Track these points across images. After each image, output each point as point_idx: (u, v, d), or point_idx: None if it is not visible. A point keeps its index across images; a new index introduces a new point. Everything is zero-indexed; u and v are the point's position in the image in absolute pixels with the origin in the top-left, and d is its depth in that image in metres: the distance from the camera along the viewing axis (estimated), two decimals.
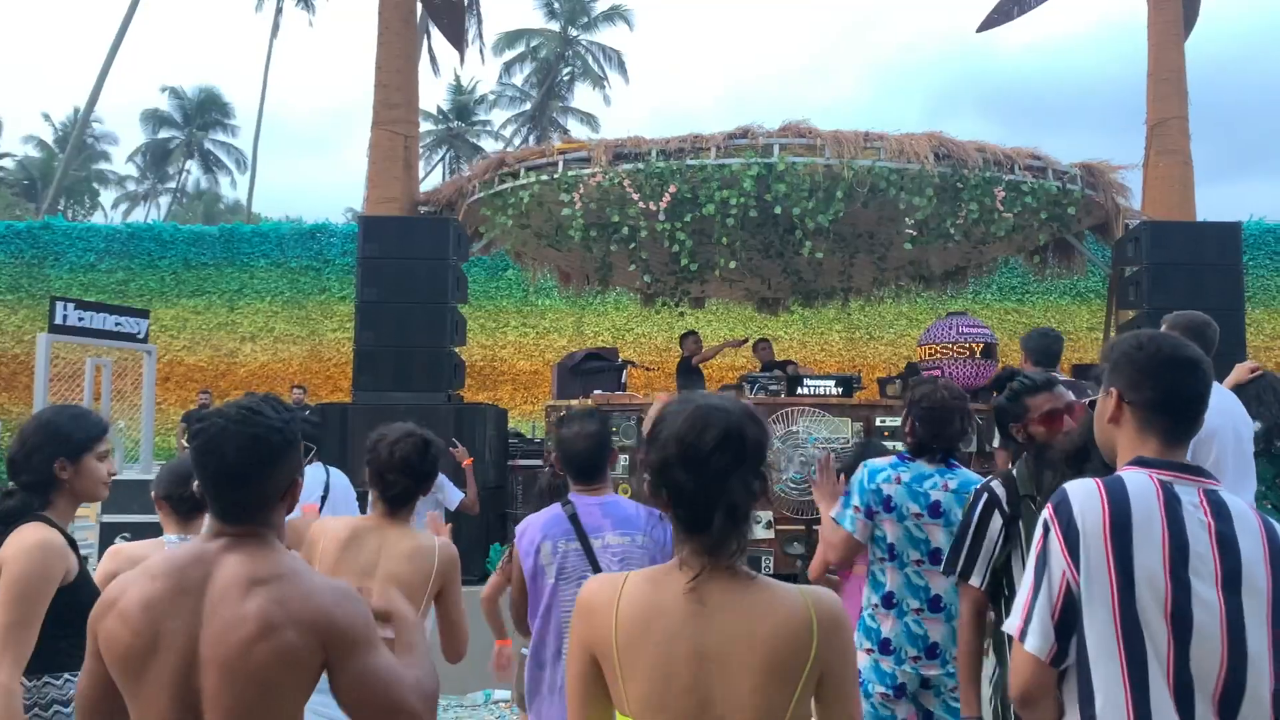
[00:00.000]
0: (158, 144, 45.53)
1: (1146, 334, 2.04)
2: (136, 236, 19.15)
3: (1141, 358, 1.97)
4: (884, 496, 3.65)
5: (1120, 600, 1.81)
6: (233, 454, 1.86)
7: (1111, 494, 1.87)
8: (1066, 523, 1.87)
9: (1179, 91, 9.21)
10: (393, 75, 9.40)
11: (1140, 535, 1.83)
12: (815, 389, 7.90)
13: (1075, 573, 1.85)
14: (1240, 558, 1.82)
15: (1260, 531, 1.87)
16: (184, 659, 1.79)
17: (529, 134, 40.44)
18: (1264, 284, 17.24)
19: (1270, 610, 1.82)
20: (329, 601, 1.84)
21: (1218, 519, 1.85)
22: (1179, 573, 1.81)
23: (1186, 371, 1.94)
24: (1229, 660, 1.79)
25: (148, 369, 10.80)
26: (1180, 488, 1.89)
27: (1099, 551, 1.84)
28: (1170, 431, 1.94)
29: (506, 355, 18.46)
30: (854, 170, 7.72)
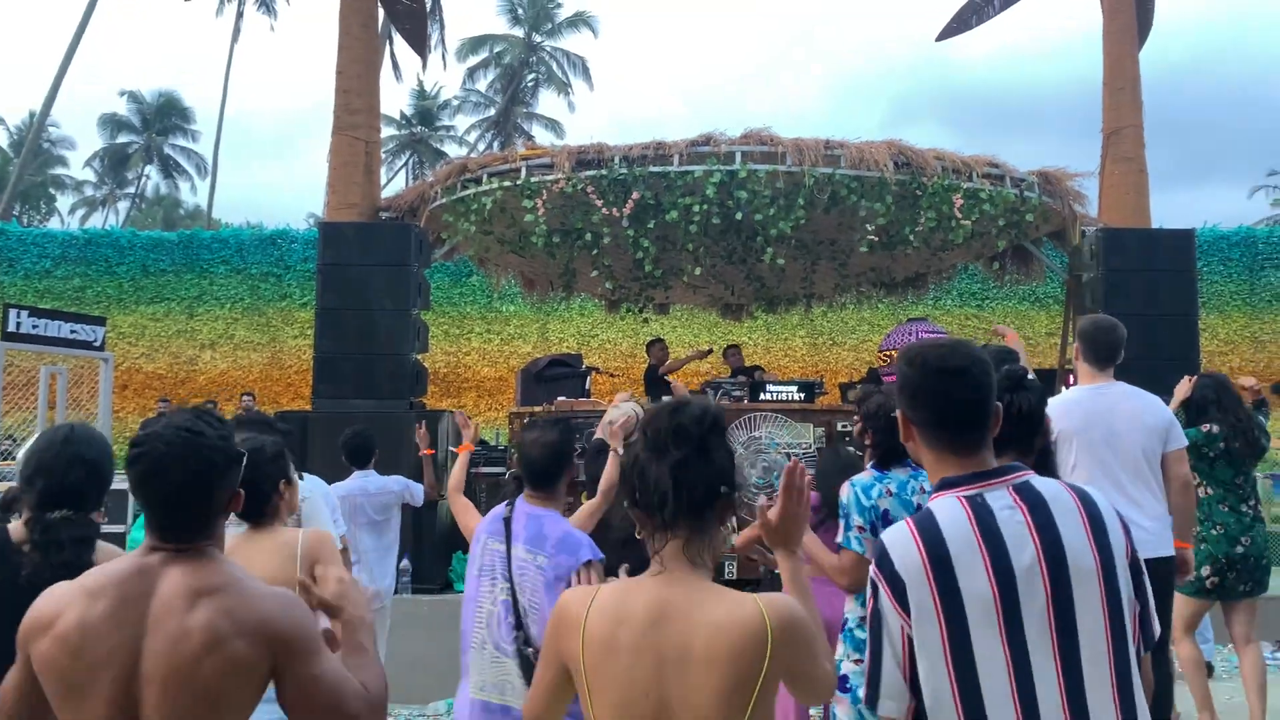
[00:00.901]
0: (116, 149, 44.88)
1: (915, 349, 1.99)
2: (93, 242, 18.87)
3: (912, 375, 1.94)
4: (881, 511, 3.66)
5: (950, 638, 1.77)
6: (175, 477, 1.85)
7: (924, 533, 1.83)
8: (890, 576, 1.84)
9: (1134, 100, 9.36)
10: (353, 80, 9.35)
11: (961, 568, 1.79)
12: (777, 394, 7.94)
13: (910, 624, 1.81)
14: (1063, 546, 1.79)
15: (1078, 509, 1.84)
16: (125, 675, 1.77)
17: (493, 140, 40.31)
18: (1217, 290, 17.52)
19: (1103, 587, 1.80)
20: (275, 609, 1.83)
21: (1034, 512, 1.82)
22: (1009, 596, 1.77)
23: (952, 380, 1.89)
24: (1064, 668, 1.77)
25: (104, 377, 10.63)
26: (990, 495, 1.85)
27: (925, 594, 1.80)
28: (960, 443, 1.90)
29: (471, 362, 18.38)
30: (814, 178, 7.77)
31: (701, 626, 1.68)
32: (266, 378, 18.11)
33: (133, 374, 17.93)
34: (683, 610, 1.70)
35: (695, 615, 1.70)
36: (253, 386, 17.30)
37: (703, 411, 1.80)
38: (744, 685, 1.66)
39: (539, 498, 3.34)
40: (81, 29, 30.77)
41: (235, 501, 1.96)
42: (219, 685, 1.76)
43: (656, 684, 1.68)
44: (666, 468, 1.75)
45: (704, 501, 1.77)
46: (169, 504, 1.87)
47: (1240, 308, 17.72)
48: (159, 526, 1.88)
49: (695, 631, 1.68)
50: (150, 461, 1.86)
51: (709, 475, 1.77)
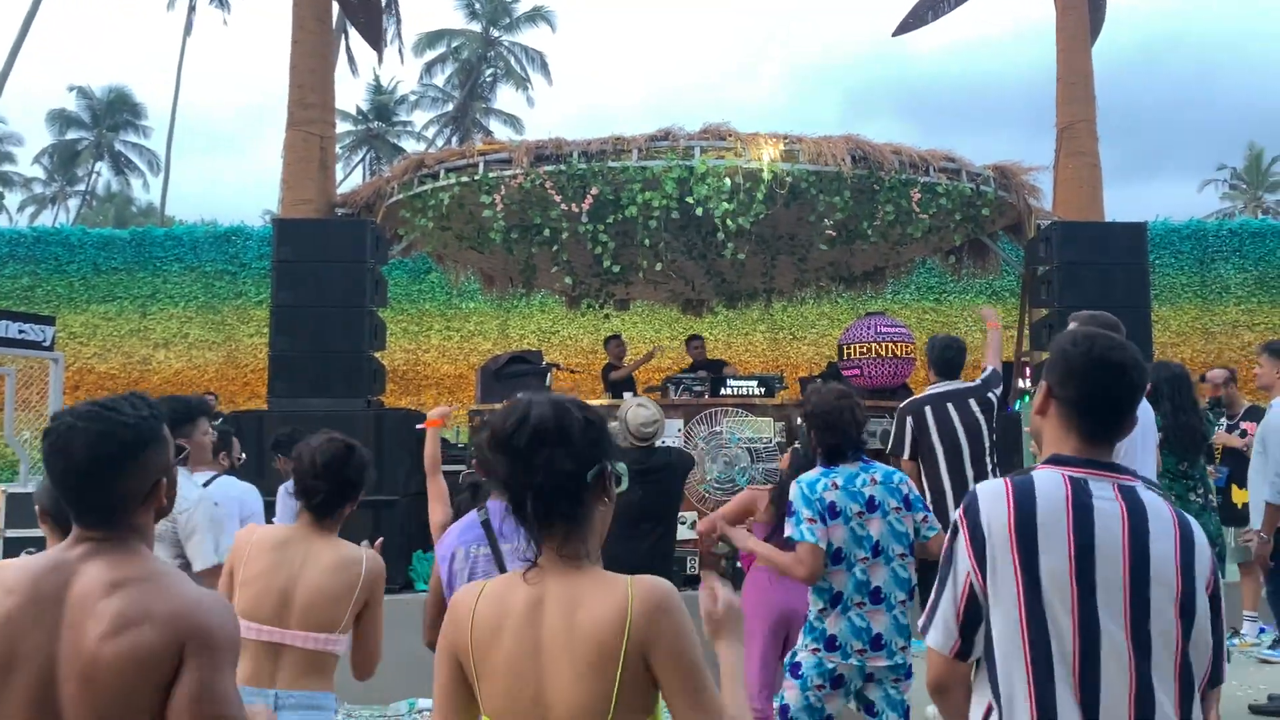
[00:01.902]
0: (65, 145, 44.05)
1: (1084, 332, 2.04)
2: (42, 240, 18.48)
3: (1074, 355, 1.97)
4: (828, 504, 3.75)
5: (1026, 602, 1.83)
6: (80, 453, 1.75)
7: (1018, 496, 1.89)
8: (973, 525, 1.90)
9: (1087, 95, 9.47)
10: (307, 75, 9.23)
11: (1046, 537, 1.84)
12: (738, 389, 7.95)
13: (980, 575, 1.88)
14: (1149, 553, 1.83)
15: (1174, 528, 1.88)
16: (43, 674, 1.69)
17: (451, 135, 40.05)
18: (1169, 282, 17.79)
19: (1179, 605, 1.83)
20: (193, 600, 1.74)
21: (1132, 515, 1.86)
22: (1085, 576, 1.82)
23: (1114, 374, 1.94)
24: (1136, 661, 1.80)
25: (54, 378, 10.43)
26: (1094, 484, 1.89)
27: (1005, 554, 1.86)
28: (1092, 431, 1.95)
29: (430, 359, 18.24)
30: (773, 173, 7.78)
31: (572, 610, 1.71)
32: (222, 377, 17.86)
33: (84, 374, 17.60)
34: (557, 596, 1.72)
35: (568, 601, 1.72)
36: (209, 386, 17.04)
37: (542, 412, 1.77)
38: (606, 666, 1.66)
39: None
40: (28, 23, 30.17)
41: (157, 491, 1.85)
42: (127, 674, 1.67)
43: (533, 672, 1.70)
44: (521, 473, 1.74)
45: (571, 497, 1.75)
46: (73, 484, 1.78)
47: (1191, 300, 18.01)
48: (72, 511, 1.80)
49: (566, 616, 1.70)
50: (55, 437, 1.77)
51: (567, 472, 1.74)
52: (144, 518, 1.85)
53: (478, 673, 1.74)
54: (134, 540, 1.81)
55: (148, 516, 1.86)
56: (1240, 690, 5.92)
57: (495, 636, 1.73)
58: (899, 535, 3.79)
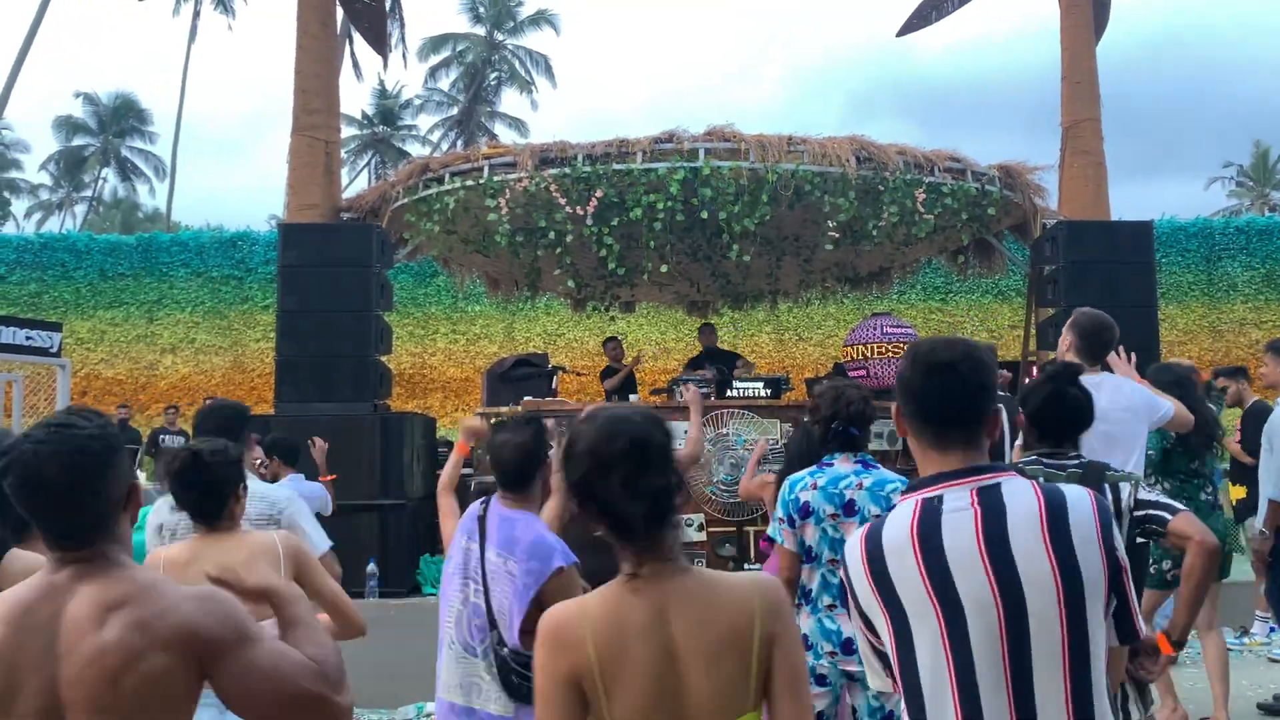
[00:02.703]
0: (72, 151, 44.18)
1: (917, 344, 1.99)
2: (49, 247, 18.56)
3: (905, 369, 1.94)
4: (801, 504, 3.80)
5: (898, 646, 1.82)
6: (56, 475, 1.70)
7: (868, 538, 1.87)
8: (847, 579, 1.92)
9: (1091, 94, 9.46)
10: (312, 80, 9.25)
11: (897, 570, 1.81)
12: (744, 391, 7.94)
13: (863, 625, 1.90)
14: (1012, 552, 1.77)
15: (1040, 514, 1.80)
16: (45, 704, 1.66)
17: (456, 139, 40.10)
18: (1176, 280, 17.75)
19: (1061, 593, 1.76)
20: (192, 610, 1.70)
21: (987, 516, 1.79)
22: (947, 593, 1.77)
23: (938, 375, 1.88)
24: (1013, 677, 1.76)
25: (61, 383, 10.47)
26: (949, 496, 1.83)
27: (871, 602, 1.86)
28: (939, 438, 1.89)
29: (436, 363, 18.27)
30: (777, 174, 7.78)
31: (700, 609, 1.76)
32: (229, 382, 17.90)
33: (92, 380, 17.66)
34: (679, 599, 1.77)
35: (692, 600, 1.77)
36: (215, 391, 17.09)
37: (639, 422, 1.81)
38: (743, 656, 1.74)
39: (513, 499, 3.26)
40: (34, 30, 30.29)
41: (133, 495, 1.81)
42: (143, 702, 1.65)
43: (671, 673, 1.73)
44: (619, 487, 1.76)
45: (667, 509, 1.79)
46: (52, 508, 1.73)
47: (1198, 298, 17.97)
48: (54, 535, 1.75)
49: (696, 615, 1.75)
50: (21, 466, 1.71)
51: (664, 484, 1.78)
52: (122, 527, 1.81)
53: (605, 693, 1.74)
54: (116, 552, 1.77)
55: (125, 525, 1.82)
56: (1250, 690, 5.91)
57: (620, 652, 1.74)
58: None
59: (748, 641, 1.74)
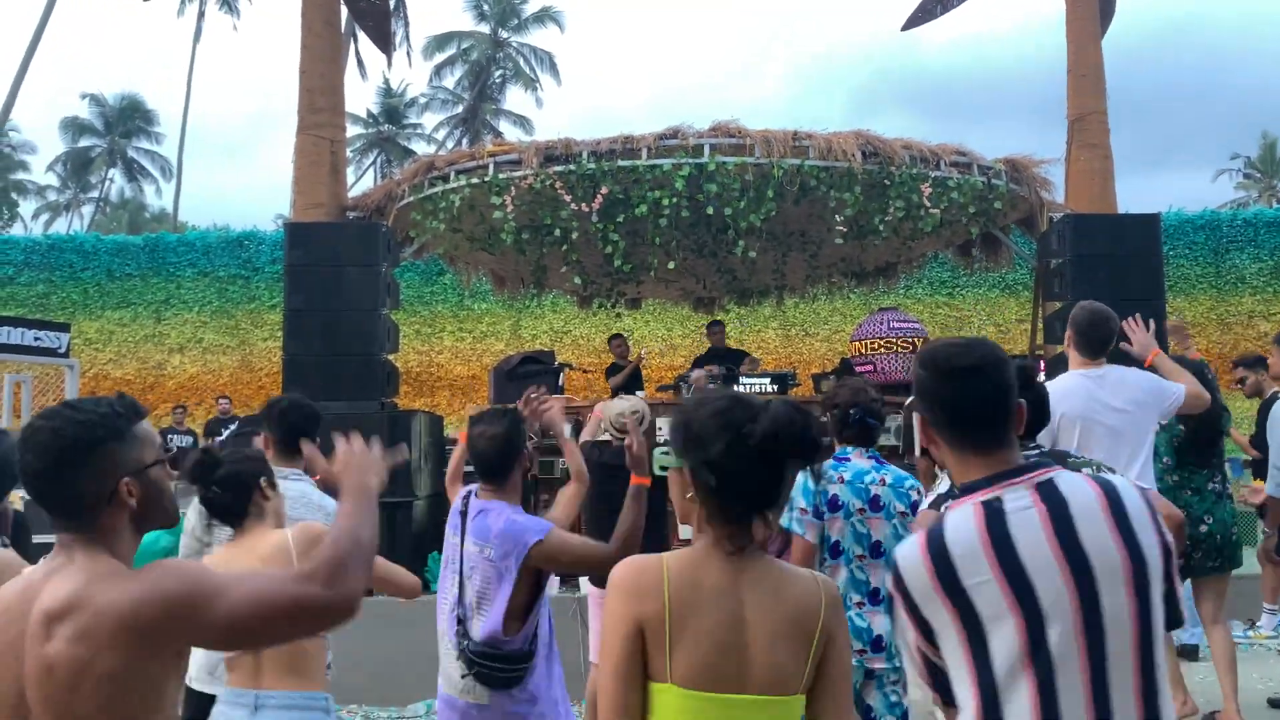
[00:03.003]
0: (78, 152, 44.30)
1: (928, 351, 1.96)
2: (57, 248, 18.62)
3: (925, 378, 1.92)
4: (830, 496, 3.71)
5: (972, 652, 1.77)
6: (34, 451, 1.74)
7: (931, 544, 1.81)
8: (903, 592, 1.85)
9: (1098, 86, 9.41)
10: (317, 79, 9.25)
11: (970, 578, 1.77)
12: (751, 387, 7.95)
13: (923, 639, 1.84)
14: (1084, 550, 1.76)
15: (1101, 503, 1.80)
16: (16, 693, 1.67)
17: (462, 137, 40.10)
18: (1183, 273, 17.69)
19: (1131, 585, 1.76)
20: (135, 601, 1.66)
21: (1053, 511, 1.79)
22: (1026, 598, 1.75)
23: (965, 380, 1.86)
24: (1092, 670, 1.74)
25: (70, 384, 10.51)
26: (1009, 496, 1.81)
27: (937, 611, 1.80)
28: (979, 443, 1.87)
29: (443, 361, 18.29)
30: (783, 169, 7.77)
31: (772, 591, 1.86)
32: (237, 381, 17.94)
33: (100, 380, 17.71)
34: (755, 576, 1.87)
35: (766, 581, 1.87)
36: (223, 390, 17.13)
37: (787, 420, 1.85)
38: (805, 641, 1.84)
39: (490, 490, 3.33)
40: (40, 31, 30.37)
41: (119, 492, 1.77)
42: (110, 700, 1.64)
43: (736, 642, 1.82)
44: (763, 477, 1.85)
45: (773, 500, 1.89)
46: (31, 482, 1.76)
47: (1206, 290, 17.90)
48: (50, 515, 1.78)
49: (770, 593, 1.85)
50: (23, 438, 1.77)
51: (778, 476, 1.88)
52: (113, 520, 1.78)
53: (671, 643, 1.82)
54: (98, 545, 1.75)
55: (117, 519, 1.78)
56: (1261, 684, 5.89)
57: (693, 608, 1.83)
58: (901, 540, 3.74)
59: (812, 628, 1.84)
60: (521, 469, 3.38)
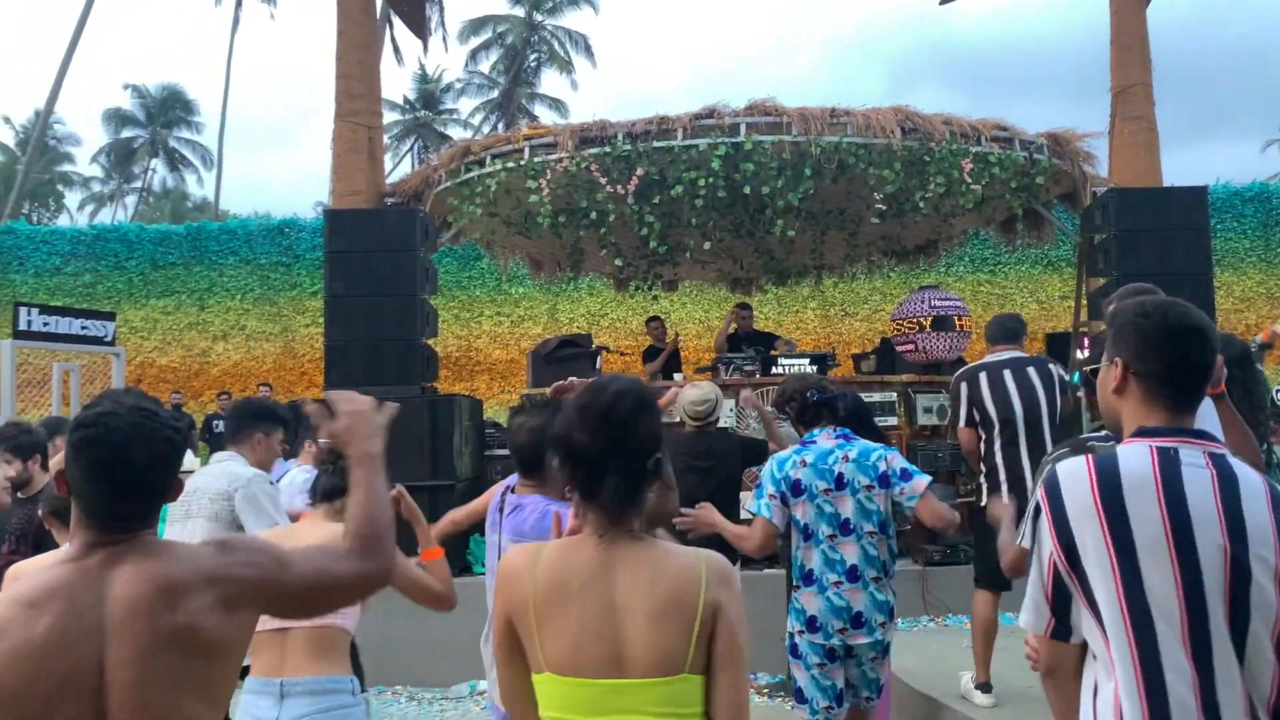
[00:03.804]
0: (121, 143, 44.92)
1: (1153, 302, 1.99)
2: (102, 238, 18.91)
3: (1148, 327, 1.93)
4: (793, 481, 3.83)
5: (1123, 579, 1.79)
6: (142, 460, 1.74)
7: (1101, 471, 1.85)
8: (1055, 505, 1.87)
9: (1141, 58, 9.22)
10: (353, 66, 9.28)
11: (1135, 508, 1.80)
12: (789, 368, 7.90)
13: (1063, 556, 1.85)
14: (1245, 519, 1.79)
15: (1266, 495, 1.83)
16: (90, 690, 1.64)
17: (497, 121, 40.17)
18: (1231, 247, 17.35)
19: (1276, 573, 1.78)
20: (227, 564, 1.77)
21: (1223, 481, 1.82)
22: (1184, 542, 1.78)
23: (1194, 341, 1.91)
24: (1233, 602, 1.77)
25: (116, 372, 10.69)
26: (1185, 452, 1.86)
27: (1095, 531, 1.82)
28: (1176, 401, 1.91)
29: (482, 345, 18.38)
30: (821, 147, 7.69)
31: (645, 573, 1.83)
32: (280, 367, 18.16)
33: (146, 368, 18.00)
34: (628, 560, 1.84)
35: (639, 563, 1.84)
36: (266, 377, 17.35)
37: (626, 391, 1.90)
38: (685, 622, 1.79)
39: (530, 485, 3.26)
40: (81, 24, 30.75)
41: (178, 488, 1.86)
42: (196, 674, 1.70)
43: (607, 627, 1.79)
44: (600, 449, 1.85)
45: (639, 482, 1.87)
46: (128, 491, 1.75)
47: (1255, 264, 17.56)
48: (108, 516, 1.74)
49: (643, 576, 1.82)
50: (109, 447, 1.72)
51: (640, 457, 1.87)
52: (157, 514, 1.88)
53: (539, 632, 1.82)
54: (148, 533, 1.81)
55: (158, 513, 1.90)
56: None
57: (560, 595, 1.82)
58: (869, 514, 3.80)
59: (693, 607, 1.79)
60: None
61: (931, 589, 7.06)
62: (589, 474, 1.86)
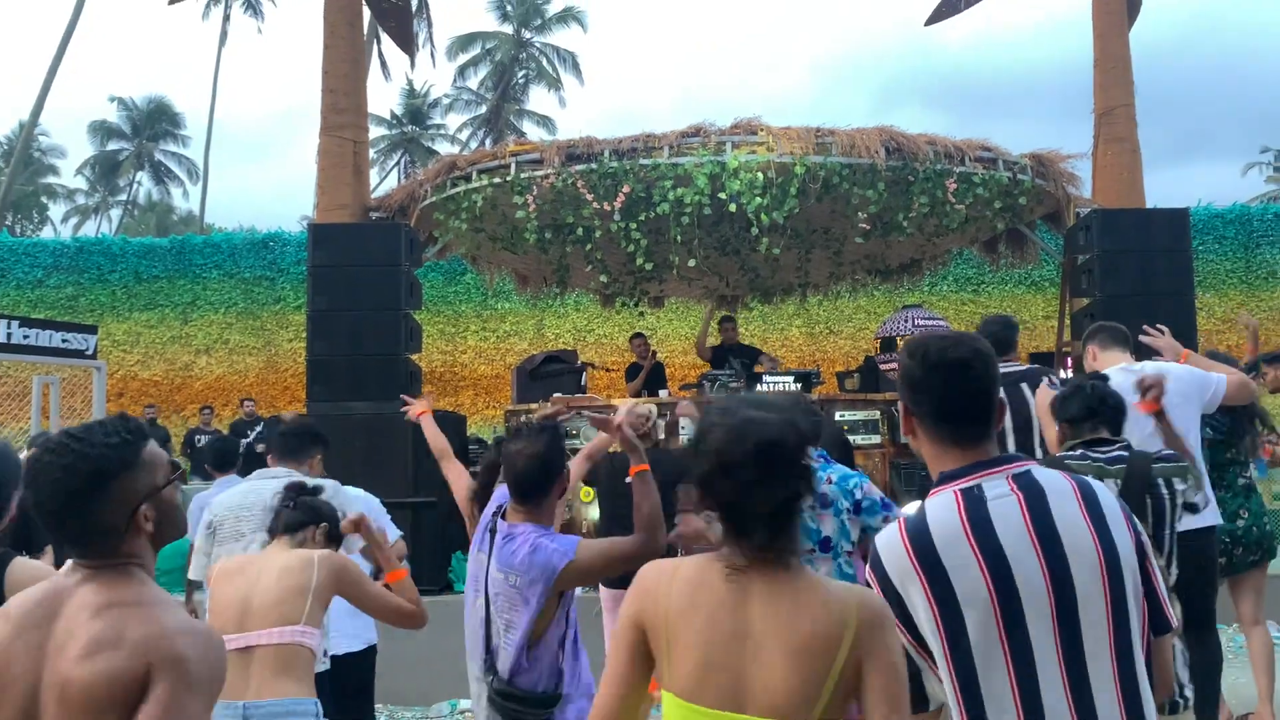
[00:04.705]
0: (107, 156, 44.73)
1: (917, 342, 1.97)
2: (85, 250, 18.77)
3: (913, 368, 1.93)
4: (819, 493, 3.82)
5: (946, 631, 1.79)
6: (47, 488, 1.72)
7: (913, 535, 1.84)
8: (883, 581, 1.86)
9: (1125, 80, 9.31)
10: (340, 80, 9.29)
11: (950, 559, 1.80)
12: (774, 385, 7.91)
13: (901, 626, 1.82)
14: (1056, 526, 1.80)
15: (1075, 494, 1.84)
16: (27, 701, 1.67)
17: (485, 137, 40.19)
18: (1213, 268, 17.45)
19: (1105, 575, 1.79)
20: (171, 628, 1.67)
21: (1029, 497, 1.82)
22: (1003, 582, 1.78)
23: (956, 372, 1.88)
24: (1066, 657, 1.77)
25: (97, 385, 10.59)
26: (988, 485, 1.85)
27: (921, 598, 1.81)
28: (960, 434, 1.90)
29: (467, 360, 18.31)
30: (806, 166, 7.72)
31: (785, 607, 1.70)
32: (263, 382, 18.05)
33: (128, 382, 17.86)
34: (764, 591, 1.71)
35: (780, 595, 1.71)
36: (249, 391, 17.24)
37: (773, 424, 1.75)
38: (822, 667, 1.66)
39: (521, 512, 3.10)
40: (68, 36, 30.65)
41: (137, 519, 1.76)
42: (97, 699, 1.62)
43: (734, 656, 1.69)
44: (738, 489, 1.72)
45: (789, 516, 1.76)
46: (46, 518, 1.74)
47: (1236, 285, 17.66)
48: (59, 541, 1.82)
49: (778, 611, 1.70)
50: (28, 470, 1.76)
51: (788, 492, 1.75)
52: (133, 545, 1.77)
53: (669, 647, 1.73)
54: (128, 567, 1.75)
55: (137, 544, 1.78)
56: None
57: (691, 611, 1.72)
58: (846, 534, 3.86)
59: (833, 651, 1.67)
60: (559, 490, 3.17)
61: None
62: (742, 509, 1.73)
